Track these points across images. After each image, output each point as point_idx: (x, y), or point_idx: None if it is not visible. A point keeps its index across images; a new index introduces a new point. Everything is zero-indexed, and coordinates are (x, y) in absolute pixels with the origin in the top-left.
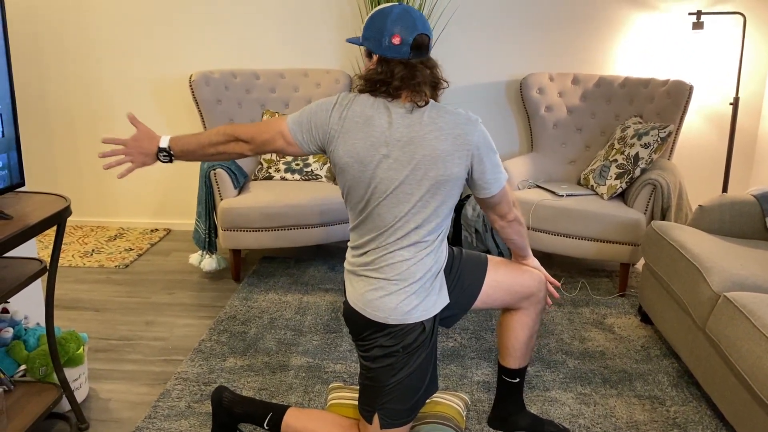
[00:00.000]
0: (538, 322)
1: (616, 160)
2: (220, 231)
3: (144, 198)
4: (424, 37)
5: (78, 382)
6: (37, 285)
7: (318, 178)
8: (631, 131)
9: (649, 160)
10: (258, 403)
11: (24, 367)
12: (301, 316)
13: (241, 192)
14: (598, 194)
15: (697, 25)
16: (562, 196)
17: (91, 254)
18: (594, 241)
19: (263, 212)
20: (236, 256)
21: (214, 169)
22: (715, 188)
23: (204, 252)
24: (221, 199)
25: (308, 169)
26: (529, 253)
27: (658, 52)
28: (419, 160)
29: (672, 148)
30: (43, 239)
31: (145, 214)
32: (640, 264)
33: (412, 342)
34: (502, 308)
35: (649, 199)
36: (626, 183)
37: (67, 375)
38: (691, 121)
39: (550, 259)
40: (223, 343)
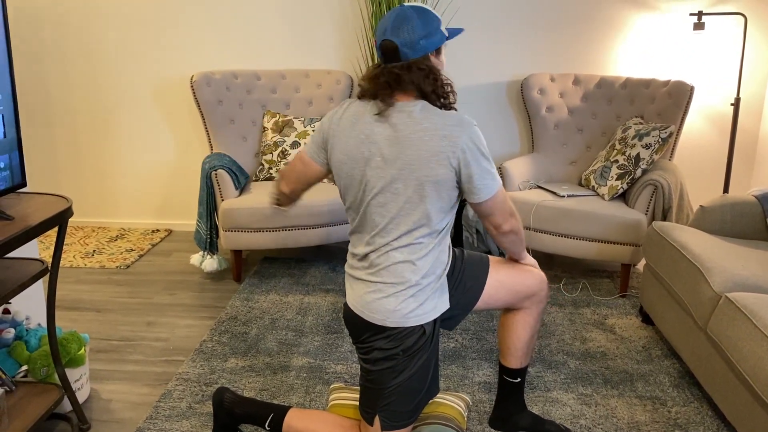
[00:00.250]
0: (539, 322)
1: (617, 161)
2: (222, 231)
3: (145, 199)
4: (387, 43)
5: (79, 383)
6: (39, 286)
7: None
8: (632, 132)
9: (650, 161)
10: (259, 404)
11: (25, 367)
12: (302, 316)
13: (242, 192)
14: (599, 195)
15: (698, 26)
16: (563, 196)
17: (93, 255)
18: (595, 242)
19: (264, 213)
20: (237, 256)
21: (216, 170)
22: (716, 189)
23: (205, 252)
24: (222, 200)
25: None
26: (524, 255)
27: (659, 52)
28: (405, 160)
29: (673, 149)
30: (44, 240)
31: (146, 215)
32: (641, 264)
33: (412, 345)
34: (503, 308)
35: (650, 200)
36: (627, 183)
37: (69, 375)
38: (692, 121)
39: (551, 260)
40: (224, 344)
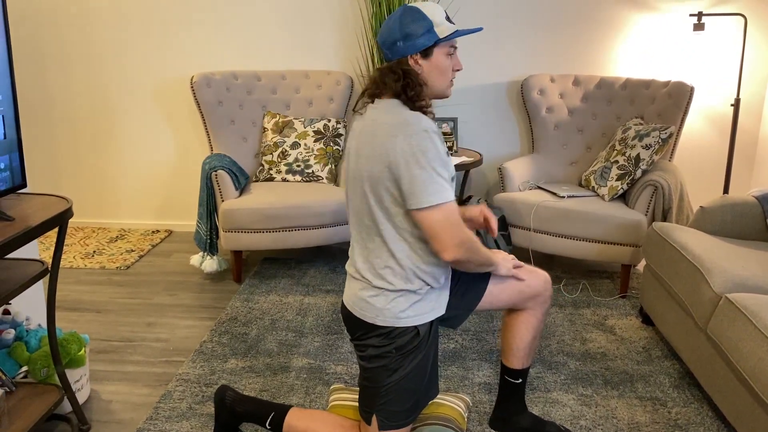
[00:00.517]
0: (542, 323)
1: (617, 162)
2: (222, 232)
3: (145, 199)
4: (379, 45)
5: (79, 384)
6: (39, 286)
7: (319, 180)
8: (632, 132)
9: (650, 162)
10: (261, 403)
11: (25, 368)
12: (302, 317)
13: (242, 193)
14: (599, 195)
15: (698, 27)
16: (563, 197)
17: (93, 255)
18: (595, 243)
19: (264, 213)
20: (237, 257)
21: (216, 171)
22: (716, 189)
23: (205, 253)
24: (222, 201)
25: (309, 171)
26: (494, 261)
27: (659, 53)
28: (360, 153)
29: (673, 150)
30: (44, 240)
31: (146, 216)
32: (641, 265)
33: (404, 344)
34: (507, 308)
35: (651, 201)
36: (627, 184)
37: (69, 376)
38: (692, 122)
39: (551, 261)
40: (224, 345)
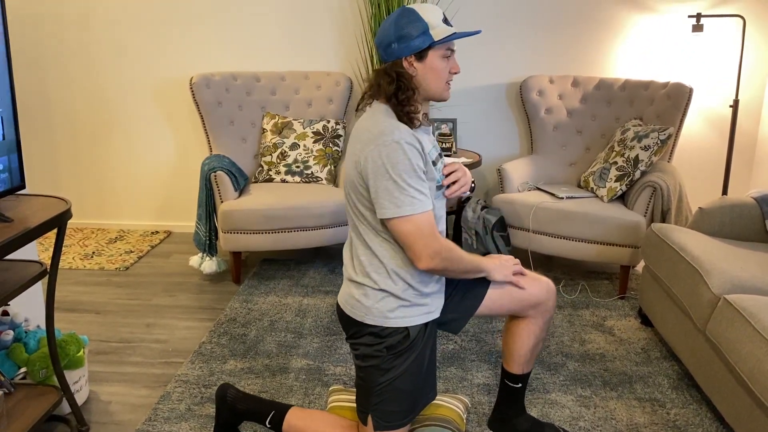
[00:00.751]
0: (545, 331)
1: (616, 163)
2: (221, 233)
3: (144, 200)
4: (376, 46)
5: (78, 385)
6: (38, 287)
7: (318, 181)
8: (631, 133)
9: (649, 163)
10: (261, 401)
11: (24, 369)
12: (301, 318)
13: (241, 194)
14: (598, 196)
15: (697, 28)
16: (562, 198)
17: (92, 256)
18: (594, 244)
19: (263, 214)
20: (236, 258)
21: (215, 172)
22: (715, 191)
23: (204, 254)
24: (222, 202)
25: (308, 172)
26: (484, 267)
27: (658, 54)
28: (347, 155)
29: (672, 151)
30: (43, 242)
31: (145, 217)
32: (640, 266)
33: (395, 344)
34: (509, 315)
35: (649, 202)
36: (626, 185)
37: (68, 377)
38: (691, 123)
39: (550, 262)
40: (223, 346)
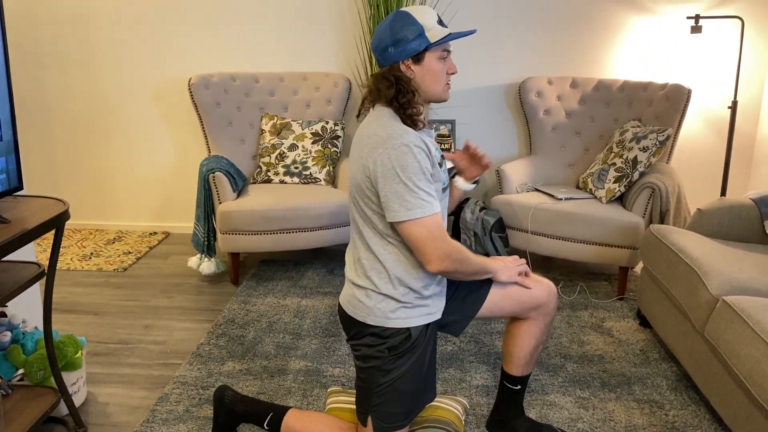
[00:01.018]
0: (546, 333)
1: (614, 164)
2: (219, 234)
3: (143, 201)
4: (372, 50)
5: (76, 386)
6: (35, 289)
7: (317, 182)
8: (629, 135)
9: (648, 164)
10: (259, 403)
11: (22, 371)
12: (299, 319)
13: (240, 195)
14: (596, 198)
15: (696, 29)
16: (561, 199)
17: (90, 257)
18: (592, 245)
19: (262, 215)
20: (235, 259)
21: (213, 173)
22: (714, 192)
23: (203, 255)
24: (220, 203)
25: (307, 173)
26: (491, 268)
27: (657, 55)
28: (351, 158)
29: (670, 152)
30: (41, 242)
31: (143, 218)
32: (638, 267)
33: (397, 345)
34: (510, 317)
35: (648, 203)
36: (625, 186)
37: (65, 379)
38: (690, 124)
39: (549, 263)
40: (221, 347)
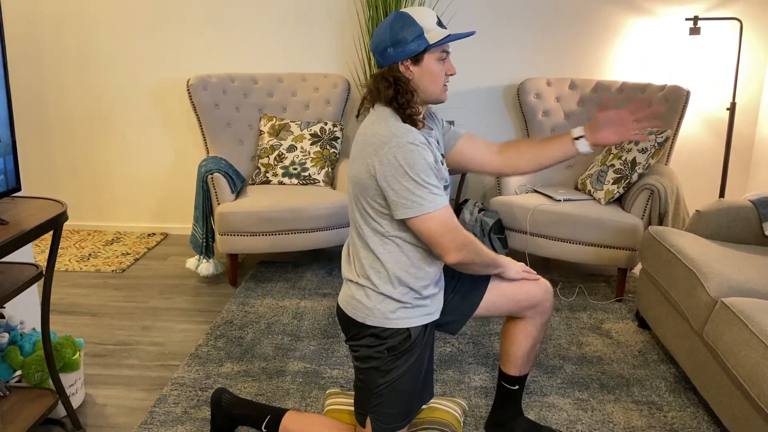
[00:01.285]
0: (542, 332)
1: (613, 165)
2: (217, 235)
3: (141, 202)
4: (371, 51)
5: (74, 388)
6: (33, 290)
7: (316, 183)
8: None
9: (647, 165)
10: (257, 406)
11: (19, 372)
12: (298, 321)
13: (238, 196)
14: (595, 199)
15: (694, 31)
16: (560, 201)
17: (88, 258)
18: (591, 246)
19: (260, 217)
20: (233, 260)
21: (212, 174)
22: (713, 193)
23: (201, 256)
24: (218, 204)
25: (306, 174)
26: (501, 263)
27: (656, 57)
28: (352, 158)
29: (669, 153)
30: (39, 243)
31: (142, 219)
32: (637, 269)
33: (396, 345)
34: (506, 316)
35: (647, 204)
36: (623, 188)
37: (63, 380)
38: (688, 126)
39: (548, 264)
40: (219, 348)
